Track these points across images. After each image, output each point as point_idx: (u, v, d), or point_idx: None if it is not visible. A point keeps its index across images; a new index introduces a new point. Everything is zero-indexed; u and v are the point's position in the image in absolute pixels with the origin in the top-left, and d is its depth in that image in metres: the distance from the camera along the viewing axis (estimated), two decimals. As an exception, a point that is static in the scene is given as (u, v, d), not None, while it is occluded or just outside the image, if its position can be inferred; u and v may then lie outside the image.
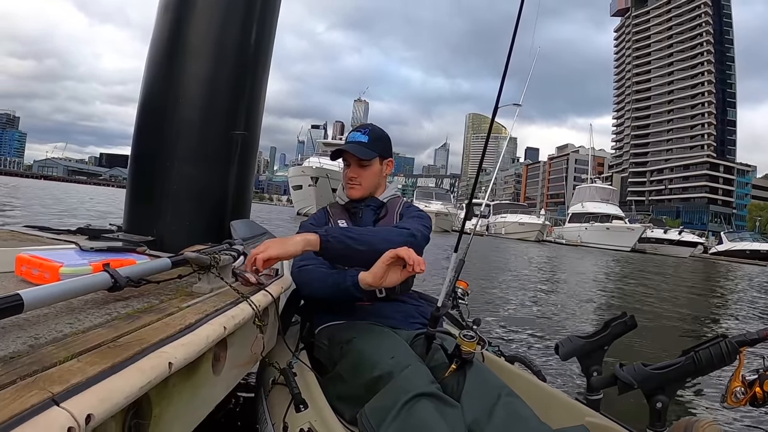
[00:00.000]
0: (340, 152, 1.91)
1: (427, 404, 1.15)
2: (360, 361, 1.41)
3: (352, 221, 1.89)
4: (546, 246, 35.09)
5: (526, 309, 5.44)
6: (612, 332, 1.58)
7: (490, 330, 4.12)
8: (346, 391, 1.41)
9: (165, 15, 2.35)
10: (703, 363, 1.24)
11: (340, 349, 1.53)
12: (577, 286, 8.85)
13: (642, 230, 40.04)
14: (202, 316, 1.08)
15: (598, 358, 1.59)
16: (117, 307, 1.10)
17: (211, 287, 1.33)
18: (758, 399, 1.17)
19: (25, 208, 13.72)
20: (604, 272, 14.55)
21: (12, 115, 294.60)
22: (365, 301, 1.67)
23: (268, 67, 2.60)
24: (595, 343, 1.58)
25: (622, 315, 1.60)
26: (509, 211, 52.56)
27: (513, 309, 5.40)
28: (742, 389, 1.18)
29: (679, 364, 1.27)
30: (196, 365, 1.06)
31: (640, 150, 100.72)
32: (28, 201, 18.30)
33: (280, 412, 1.33)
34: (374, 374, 1.32)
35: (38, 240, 1.98)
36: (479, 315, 1.84)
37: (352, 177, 1.92)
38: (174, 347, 0.88)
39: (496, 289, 7.10)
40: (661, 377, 1.28)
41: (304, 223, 1.93)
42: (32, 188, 34.73)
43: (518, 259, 16.48)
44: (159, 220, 2.23)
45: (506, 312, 5.14)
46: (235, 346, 1.29)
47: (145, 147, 2.34)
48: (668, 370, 1.28)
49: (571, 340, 1.62)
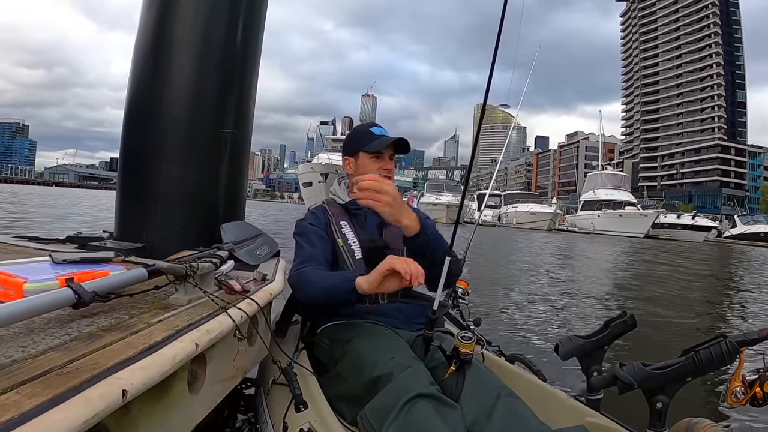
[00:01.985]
0: (400, 144, 1.82)
1: (427, 405, 1.14)
2: (360, 361, 1.40)
3: (354, 224, 1.80)
4: (558, 235, 34.71)
5: (527, 307, 5.33)
6: (612, 332, 1.56)
7: (490, 329, 4.03)
8: (346, 391, 1.40)
9: (149, 11, 2.27)
10: (704, 363, 1.22)
11: (340, 348, 1.52)
12: (586, 280, 8.63)
13: (655, 216, 39.40)
14: (172, 332, 0.99)
15: (598, 358, 1.58)
16: (81, 325, 1.02)
17: (188, 298, 1.25)
18: (758, 399, 1.17)
19: (27, 216, 13.70)
20: (616, 261, 14.30)
21: (21, 124, 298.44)
22: (382, 301, 1.68)
23: (257, 63, 2.51)
24: (595, 342, 1.57)
25: (623, 314, 1.58)
26: (520, 200, 52.26)
27: (513, 307, 5.30)
28: (742, 389, 1.18)
29: (679, 364, 1.25)
30: (167, 386, 0.98)
31: (651, 135, 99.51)
32: (35, 208, 18.39)
33: (280, 412, 1.32)
34: (374, 374, 1.31)
35: (23, 251, 1.92)
36: (480, 311, 1.77)
37: (390, 168, 1.83)
38: (131, 371, 0.80)
39: (497, 285, 6.99)
40: (661, 377, 1.26)
41: (302, 222, 1.82)
42: (43, 195, 34.98)
43: (525, 251, 16.23)
44: (148, 225, 2.16)
45: (506, 310, 5.05)
46: (215, 361, 1.21)
47: (133, 148, 2.27)
48: (668, 370, 1.26)
49: (571, 340, 1.60)
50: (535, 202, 49.55)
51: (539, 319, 4.71)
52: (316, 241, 1.69)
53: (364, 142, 1.80)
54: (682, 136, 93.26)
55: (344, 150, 1.89)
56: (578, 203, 51.30)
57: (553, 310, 5.29)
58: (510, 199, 55.42)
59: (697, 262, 15.90)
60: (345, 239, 1.74)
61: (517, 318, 4.66)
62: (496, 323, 4.34)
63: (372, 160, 1.79)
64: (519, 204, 49.94)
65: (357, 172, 1.81)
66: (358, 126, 1.92)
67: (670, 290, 7.60)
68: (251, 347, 1.53)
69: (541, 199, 55.82)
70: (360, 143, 1.81)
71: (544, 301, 5.78)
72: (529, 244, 19.04)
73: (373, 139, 1.79)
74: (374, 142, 1.78)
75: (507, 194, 60.59)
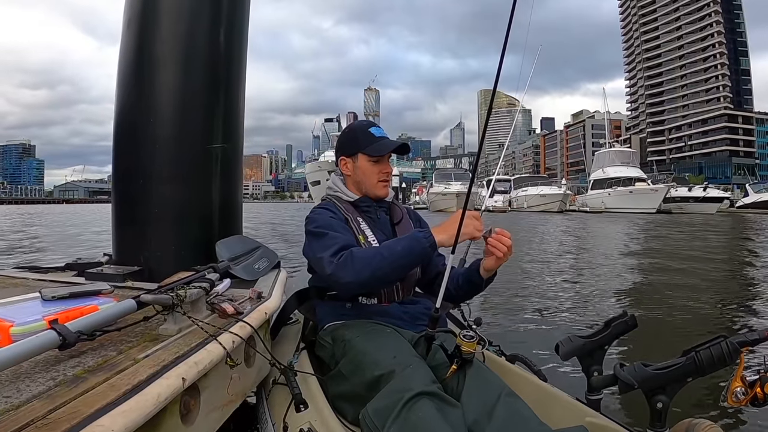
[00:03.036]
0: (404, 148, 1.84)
1: (428, 403, 1.15)
2: (362, 360, 1.40)
3: (367, 221, 1.77)
4: (568, 216, 34.43)
5: (531, 306, 5.23)
6: (612, 332, 1.55)
7: (490, 329, 4.00)
8: (348, 390, 1.41)
9: (129, 29, 2.25)
10: (704, 363, 1.21)
11: (342, 347, 1.52)
12: (597, 269, 8.46)
13: (666, 190, 39.03)
14: (158, 368, 0.98)
15: (598, 358, 1.56)
16: (67, 366, 1.01)
17: (178, 327, 1.24)
18: (759, 400, 1.16)
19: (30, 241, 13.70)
20: (625, 242, 14.12)
21: (28, 144, 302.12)
22: (385, 303, 1.68)
23: (243, 73, 2.48)
24: (596, 342, 1.56)
25: (623, 314, 1.57)
26: (529, 183, 52.01)
27: (513, 304, 5.22)
28: (742, 389, 1.17)
29: (679, 364, 1.24)
30: (158, 421, 0.97)
31: (656, 109, 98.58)
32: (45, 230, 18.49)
33: (281, 412, 1.33)
34: (375, 373, 1.32)
35: (21, 284, 1.93)
36: (488, 311, 1.75)
37: (389, 171, 1.83)
38: (112, 417, 0.79)
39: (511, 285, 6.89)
40: (661, 377, 1.25)
41: (319, 215, 1.70)
42: (50, 214, 35.17)
43: (533, 235, 16.07)
44: (144, 246, 2.15)
45: (506, 309, 4.99)
46: (209, 390, 1.20)
47: (124, 170, 2.25)
48: (669, 370, 1.25)
49: (572, 340, 1.59)
50: (545, 185, 49.26)
51: (543, 318, 4.65)
52: (343, 232, 1.63)
53: (364, 143, 1.77)
54: (687, 107, 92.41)
55: (340, 149, 1.85)
56: (588, 182, 50.96)
57: (559, 310, 5.15)
58: (519, 182, 55.18)
59: (710, 237, 15.68)
60: (365, 237, 1.70)
61: (518, 319, 4.61)
62: (496, 323, 4.31)
63: (371, 163, 1.77)
64: (529, 187, 49.69)
65: (355, 173, 1.80)
66: (355, 125, 1.87)
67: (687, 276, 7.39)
68: (249, 368, 1.52)
69: (551, 181, 55.39)
70: (359, 144, 1.78)
71: (551, 299, 5.65)
72: (533, 230, 18.80)
73: (374, 141, 1.76)
74: (376, 146, 1.75)
75: (516, 178, 60.34)
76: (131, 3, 2.25)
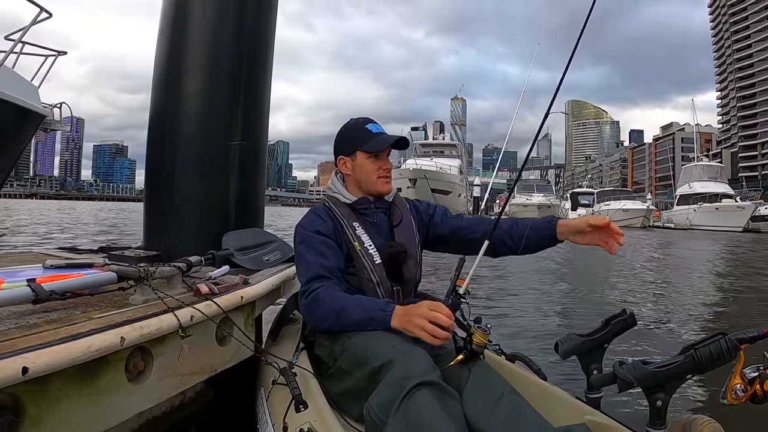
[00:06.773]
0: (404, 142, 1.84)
1: (427, 394, 1.16)
2: (361, 353, 1.40)
3: (366, 225, 1.73)
4: (651, 232, 32.68)
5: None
6: (612, 330, 1.56)
7: (491, 327, 3.96)
8: (350, 386, 1.42)
9: (161, 39, 2.48)
10: (703, 361, 1.22)
11: (341, 344, 1.50)
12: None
13: (753, 208, 36.09)
14: (102, 326, 1.13)
15: (598, 357, 1.58)
16: (34, 317, 1.19)
17: (145, 298, 1.39)
18: (758, 397, 1.16)
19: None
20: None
21: (120, 145, 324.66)
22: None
23: (267, 73, 2.66)
24: (595, 341, 1.57)
25: (622, 312, 1.57)
26: (612, 197, 49.96)
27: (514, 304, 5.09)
28: (742, 387, 1.17)
29: (679, 362, 1.26)
30: (99, 372, 1.12)
31: (749, 122, 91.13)
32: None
33: (280, 413, 1.33)
34: (375, 364, 1.31)
35: (50, 258, 2.18)
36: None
37: (389, 168, 1.80)
38: (38, 354, 0.94)
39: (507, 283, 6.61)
40: (660, 375, 1.27)
41: (304, 230, 1.68)
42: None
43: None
44: (166, 234, 2.36)
45: (506, 308, 4.88)
46: (164, 357, 1.33)
47: (154, 166, 2.48)
48: (668, 368, 1.26)
49: (571, 339, 1.61)
50: (628, 199, 47.03)
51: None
52: (326, 250, 1.60)
53: (361, 140, 1.74)
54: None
55: (338, 148, 1.81)
56: (674, 198, 48.25)
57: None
58: (602, 196, 53.13)
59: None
60: (362, 242, 1.66)
61: (518, 318, 4.52)
62: (496, 323, 4.27)
63: (370, 160, 1.74)
64: (611, 201, 47.73)
65: (355, 171, 1.77)
66: (352, 122, 1.82)
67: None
68: (223, 347, 1.64)
69: (635, 196, 52.82)
70: (357, 142, 1.75)
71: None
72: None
73: (371, 138, 1.74)
74: (373, 142, 1.73)
75: (599, 192, 58.12)
76: (164, 12, 2.48)
